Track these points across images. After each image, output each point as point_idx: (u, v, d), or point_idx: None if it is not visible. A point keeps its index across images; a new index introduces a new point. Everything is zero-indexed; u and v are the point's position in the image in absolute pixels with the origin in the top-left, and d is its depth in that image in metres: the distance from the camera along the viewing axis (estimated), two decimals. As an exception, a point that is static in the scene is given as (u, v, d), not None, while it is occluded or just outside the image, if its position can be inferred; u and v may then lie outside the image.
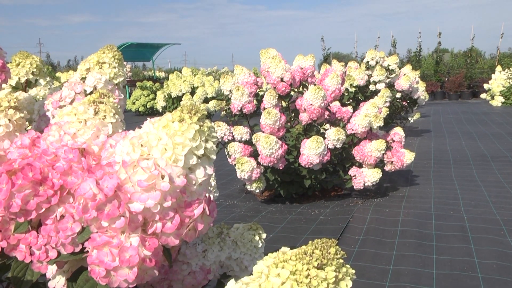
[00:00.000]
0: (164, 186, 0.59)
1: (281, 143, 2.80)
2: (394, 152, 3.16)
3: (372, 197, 3.18)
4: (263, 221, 2.77)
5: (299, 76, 3.03)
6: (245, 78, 3.08)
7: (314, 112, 2.85)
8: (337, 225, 2.62)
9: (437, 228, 2.49)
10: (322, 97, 2.81)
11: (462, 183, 3.47)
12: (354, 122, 3.02)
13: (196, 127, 0.62)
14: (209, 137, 0.63)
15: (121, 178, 0.60)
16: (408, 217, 2.71)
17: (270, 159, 2.75)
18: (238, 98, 2.94)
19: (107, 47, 0.99)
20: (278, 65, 2.92)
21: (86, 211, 0.60)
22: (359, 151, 3.01)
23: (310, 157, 2.76)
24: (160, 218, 0.62)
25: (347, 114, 3.11)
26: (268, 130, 2.81)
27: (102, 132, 0.68)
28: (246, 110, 2.97)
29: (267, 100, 2.96)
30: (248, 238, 0.98)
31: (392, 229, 2.52)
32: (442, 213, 2.74)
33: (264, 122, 2.81)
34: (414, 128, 6.84)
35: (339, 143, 2.93)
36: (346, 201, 3.13)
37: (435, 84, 13.77)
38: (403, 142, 3.31)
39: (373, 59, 5.36)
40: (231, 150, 2.91)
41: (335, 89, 3.03)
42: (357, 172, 3.01)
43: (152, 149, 0.61)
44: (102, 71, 0.95)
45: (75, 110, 0.68)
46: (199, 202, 0.65)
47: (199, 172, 0.63)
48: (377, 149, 2.93)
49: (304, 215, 2.87)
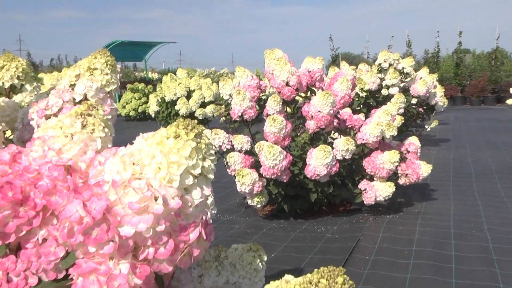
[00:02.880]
0: (157, 208, 0.59)
1: (285, 153, 2.80)
2: (409, 164, 3.15)
3: (385, 214, 3.17)
4: (264, 239, 2.77)
5: (307, 80, 3.04)
6: (247, 81, 3.08)
7: (322, 119, 2.85)
8: (345, 244, 2.61)
9: (457, 248, 2.48)
10: (331, 103, 2.81)
11: (485, 199, 3.46)
12: (365, 131, 3.02)
13: (193, 144, 0.62)
14: (207, 155, 0.64)
15: (111, 199, 0.60)
16: (424, 236, 2.70)
17: (273, 171, 2.75)
18: (239, 103, 2.94)
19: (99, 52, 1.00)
20: (283, 68, 2.92)
21: (72, 235, 0.60)
22: (370, 163, 3.01)
23: (317, 168, 2.76)
24: (152, 243, 0.62)
25: (359, 122, 3.11)
26: (272, 138, 2.82)
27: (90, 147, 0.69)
28: (248, 116, 2.97)
29: (270, 106, 2.96)
30: (248, 261, 0.98)
31: (406, 249, 2.51)
32: (462, 232, 2.73)
33: (268, 130, 2.81)
34: (431, 137, 6.83)
35: (349, 153, 2.93)
36: (355, 217, 3.13)
37: (455, 89, 13.79)
38: (419, 152, 3.30)
39: (386, 61, 5.37)
40: (230, 160, 2.91)
41: (345, 95, 3.03)
42: (368, 185, 3.01)
43: (145, 168, 0.61)
44: (93, 78, 0.95)
45: (61, 123, 0.68)
46: (195, 225, 0.65)
47: (196, 193, 0.63)
48: (390, 160, 2.93)
49: (310, 232, 2.86)
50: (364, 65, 5.46)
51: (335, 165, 2.82)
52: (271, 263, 2.32)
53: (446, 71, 14.58)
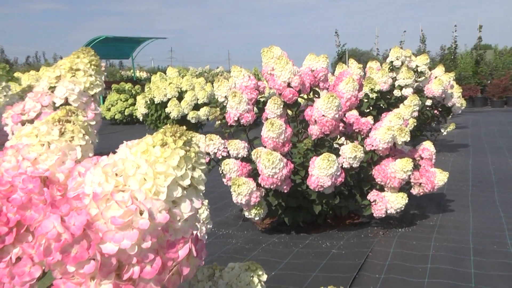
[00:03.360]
0: (142, 223, 0.59)
1: (286, 160, 2.81)
2: (423, 172, 3.16)
3: (396, 227, 3.18)
4: (263, 255, 2.78)
5: (310, 80, 3.05)
6: (244, 81, 3.10)
7: (326, 124, 2.86)
8: (353, 260, 2.62)
9: (477, 266, 2.49)
10: (336, 107, 2.82)
11: (508, 210, 3.47)
12: (375, 137, 3.03)
13: (181, 153, 0.62)
14: (197, 164, 0.64)
15: (92, 214, 0.60)
16: (440, 251, 2.71)
17: (272, 180, 2.76)
18: (235, 106, 2.95)
19: (82, 50, 1.00)
20: (285, 68, 2.93)
21: (49, 254, 0.60)
22: (380, 172, 3.02)
23: (320, 179, 2.76)
24: (137, 261, 0.62)
25: (367, 126, 3.13)
26: (270, 144, 2.83)
27: (69, 157, 0.69)
28: (245, 120, 2.98)
29: (270, 109, 2.98)
30: (246, 281, 0.98)
31: (420, 266, 2.51)
32: (483, 248, 2.73)
33: (266, 135, 2.82)
34: (448, 142, 6.86)
35: (356, 161, 2.94)
36: (364, 231, 3.14)
37: (475, 88, 13.81)
38: (434, 159, 3.32)
39: (398, 59, 5.39)
40: (225, 168, 2.92)
41: (351, 97, 3.04)
42: (378, 196, 3.02)
43: (129, 179, 0.61)
44: (75, 79, 0.95)
45: (36, 131, 0.68)
46: (184, 241, 0.65)
47: (185, 206, 0.63)
48: (402, 169, 2.94)
49: (314, 248, 2.87)
50: (375, 63, 5.47)
51: (340, 175, 2.83)
52: (271, 282, 2.32)
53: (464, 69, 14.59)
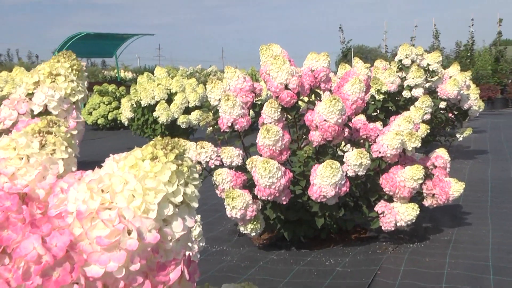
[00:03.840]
0: (131, 244, 0.60)
1: (284, 169, 2.82)
2: (436, 181, 3.17)
3: (407, 242, 3.19)
4: (261, 274, 2.78)
5: (309, 81, 3.06)
6: (238, 83, 3.11)
7: (328, 130, 2.86)
8: (359, 279, 2.62)
9: (497, 285, 2.50)
10: (339, 110, 2.83)
11: (530, 224, 3.52)
12: (382, 142, 3.04)
13: (173, 167, 0.63)
14: (190, 179, 0.65)
15: (75, 233, 0.61)
16: (456, 269, 2.71)
17: (270, 191, 2.76)
18: (229, 110, 2.96)
19: (63, 54, 1.02)
20: (281, 68, 2.94)
21: (28, 277, 0.60)
22: (388, 180, 3.03)
23: (322, 189, 2.77)
24: (125, 285, 0.62)
25: (375, 132, 3.14)
26: (267, 152, 2.84)
27: (50, 171, 0.69)
28: (239, 126, 2.99)
29: (267, 113, 2.99)
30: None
31: (434, 286, 2.52)
32: (503, 265, 2.74)
33: (261, 142, 2.83)
34: (464, 149, 6.87)
35: (362, 169, 2.94)
36: (371, 246, 3.15)
37: (494, 89, 13.80)
38: (448, 168, 3.33)
39: (407, 57, 5.40)
40: (218, 178, 2.93)
41: (357, 99, 3.04)
42: (386, 208, 3.03)
43: (116, 195, 0.62)
44: (55, 85, 0.97)
45: (14, 143, 0.69)
46: (175, 263, 0.66)
47: (177, 225, 0.64)
48: (412, 177, 2.95)
49: (316, 265, 2.88)
50: (380, 61, 5.49)
51: (345, 184, 2.83)
52: (269, 304, 2.33)
53: (482, 68, 14.57)
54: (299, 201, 3.03)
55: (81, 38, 14.29)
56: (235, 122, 2.97)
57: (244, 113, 3.00)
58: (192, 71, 17.64)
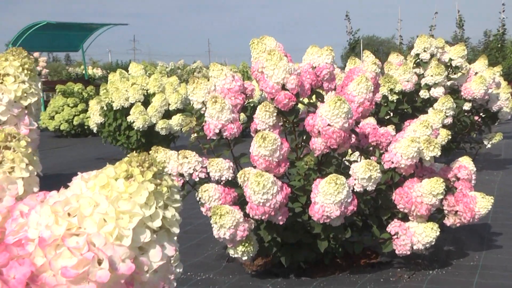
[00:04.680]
0: (101, 275, 0.61)
1: (281, 184, 2.82)
2: (460, 196, 3.16)
3: (426, 268, 3.19)
4: (255, 307, 2.80)
5: (310, 80, 3.08)
6: (226, 83, 3.10)
7: (333, 136, 2.86)
8: (370, 313, 2.67)
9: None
10: (345, 113, 2.82)
11: None
12: (395, 151, 3.03)
13: (150, 188, 0.64)
14: (170, 201, 0.66)
15: (37, 263, 0.61)
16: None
17: (264, 209, 2.75)
18: (216, 114, 2.95)
19: (13, 51, 1.03)
20: (278, 65, 2.94)
21: (-16, 313, 0.62)
22: (402, 196, 3.02)
23: (326, 208, 2.76)
24: (95, 323, 0.64)
25: (386, 138, 3.16)
26: (262, 164, 2.83)
27: (7, 192, 0.71)
28: (228, 133, 2.99)
29: (260, 118, 2.99)
30: None
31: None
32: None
33: (256, 152, 2.82)
34: (493, 157, 6.89)
35: (372, 183, 2.94)
36: (384, 274, 3.14)
37: (529, 86, 13.81)
38: (474, 180, 3.33)
39: (426, 50, 5.39)
40: (204, 195, 2.91)
41: (364, 101, 3.04)
42: (401, 228, 3.02)
43: (85, 220, 0.62)
44: (3, 87, 0.98)
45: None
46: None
47: (154, 254, 0.65)
48: (431, 191, 2.93)
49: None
50: (397, 56, 5.51)
51: (351, 203, 2.82)
52: None
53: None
54: (298, 220, 3.02)
55: (41, 28, 14.20)
56: (224, 128, 2.96)
57: (234, 118, 3.00)
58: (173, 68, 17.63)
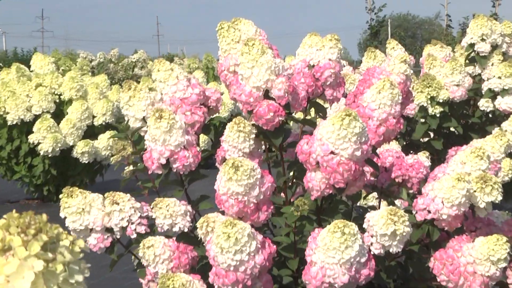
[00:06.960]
0: None
1: (262, 239, 2.63)
2: (533, 264, 3.14)
3: None
4: None
5: (306, 85, 2.85)
6: (178, 90, 2.91)
7: (339, 170, 2.66)
8: None
9: None
10: (357, 135, 2.60)
11: None
12: (433, 194, 2.84)
13: (38, 266, 0.64)
14: (67, 285, 0.66)
15: None
16: None
17: (236, 276, 2.55)
18: (161, 137, 2.72)
19: None
20: (258, 61, 2.74)
21: None
22: (445, 262, 2.81)
23: (327, 270, 2.55)
24: None
25: (418, 172, 3.14)
26: (233, 207, 2.58)
27: None
28: (180, 164, 2.76)
29: (231, 142, 2.74)
30: None
31: None
32: None
33: (224, 189, 2.58)
34: None
35: (397, 242, 2.72)
36: None
37: None
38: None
39: (484, 39, 5.08)
40: (147, 254, 2.70)
41: (387, 116, 2.83)
42: (444, 312, 2.87)
43: None
44: None
45: None
46: None
47: None
48: (490, 256, 2.77)
49: None
50: (441, 48, 5.48)
51: (367, 265, 2.62)
52: None
53: None
54: (288, 292, 2.89)
55: None
56: (174, 157, 2.78)
57: (189, 142, 2.75)
58: (103, 60, 17.53)
